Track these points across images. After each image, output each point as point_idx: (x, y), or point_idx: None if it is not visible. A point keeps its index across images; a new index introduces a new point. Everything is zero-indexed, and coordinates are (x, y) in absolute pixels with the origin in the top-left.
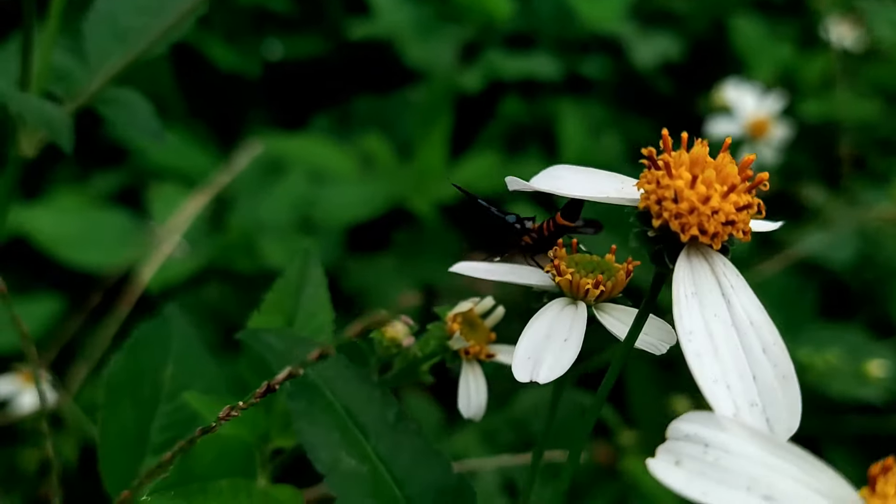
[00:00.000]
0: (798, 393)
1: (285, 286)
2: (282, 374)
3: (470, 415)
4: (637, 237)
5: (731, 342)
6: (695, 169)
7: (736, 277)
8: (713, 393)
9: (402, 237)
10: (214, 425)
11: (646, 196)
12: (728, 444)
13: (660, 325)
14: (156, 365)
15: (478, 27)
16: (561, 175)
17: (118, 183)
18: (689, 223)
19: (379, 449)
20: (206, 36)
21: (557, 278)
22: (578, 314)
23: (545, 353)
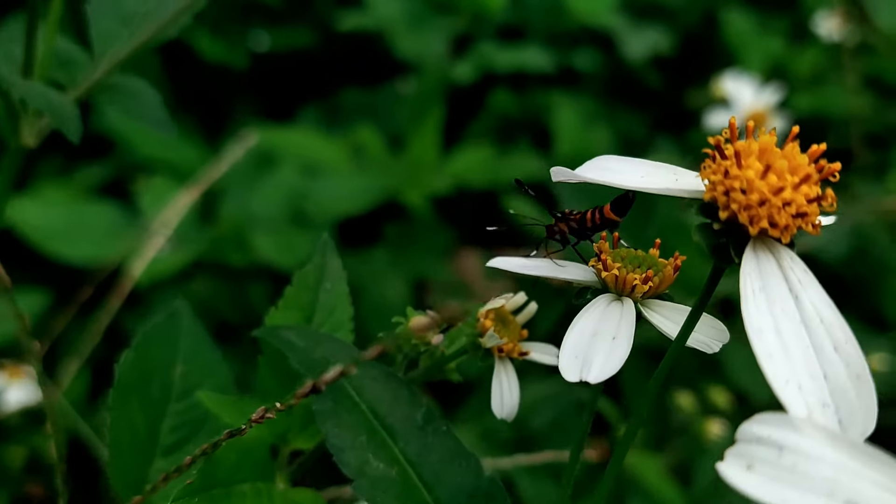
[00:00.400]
0: (873, 393)
1: (303, 280)
2: (329, 374)
3: (503, 415)
4: (700, 230)
5: (801, 340)
6: (766, 159)
7: (804, 273)
8: (786, 394)
9: (394, 231)
10: (244, 428)
11: (711, 187)
12: (804, 448)
13: (711, 322)
14: (165, 363)
15: (469, 19)
16: (610, 166)
17: (105, 175)
18: (758, 215)
19: (407, 451)
20: (192, 27)
21: (604, 273)
22: (626, 311)
23: (594, 352)
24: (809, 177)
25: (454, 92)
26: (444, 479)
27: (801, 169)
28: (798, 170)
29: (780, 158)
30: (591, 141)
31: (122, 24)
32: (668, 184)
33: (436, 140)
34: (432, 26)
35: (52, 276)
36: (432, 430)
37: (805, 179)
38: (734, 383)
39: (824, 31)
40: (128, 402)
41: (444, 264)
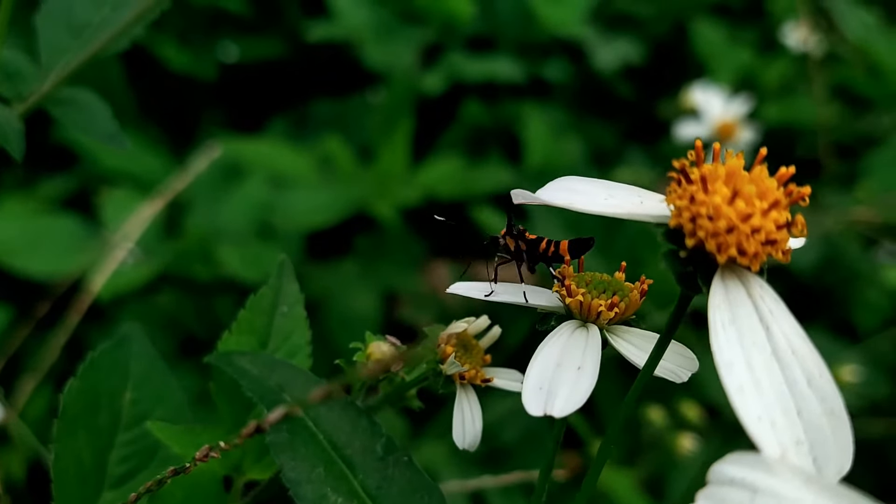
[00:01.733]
0: (849, 430)
1: (258, 304)
2: (273, 414)
3: (465, 445)
4: (666, 258)
5: (774, 375)
6: (733, 183)
7: (775, 302)
8: (758, 432)
9: (364, 242)
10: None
11: (678, 213)
12: (779, 491)
13: (680, 350)
14: (113, 390)
15: (439, 29)
16: (574, 188)
17: (67, 188)
18: (726, 243)
19: (367, 484)
20: (158, 36)
21: (568, 299)
22: (591, 339)
23: (559, 384)
24: (778, 202)
25: (424, 103)
26: None
27: (770, 194)
28: (767, 194)
29: (748, 183)
30: (561, 152)
31: (73, 36)
32: (633, 208)
33: (405, 151)
34: (401, 36)
35: (13, 290)
36: (393, 462)
37: (774, 205)
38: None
39: (792, 42)
40: (74, 433)
41: (415, 276)
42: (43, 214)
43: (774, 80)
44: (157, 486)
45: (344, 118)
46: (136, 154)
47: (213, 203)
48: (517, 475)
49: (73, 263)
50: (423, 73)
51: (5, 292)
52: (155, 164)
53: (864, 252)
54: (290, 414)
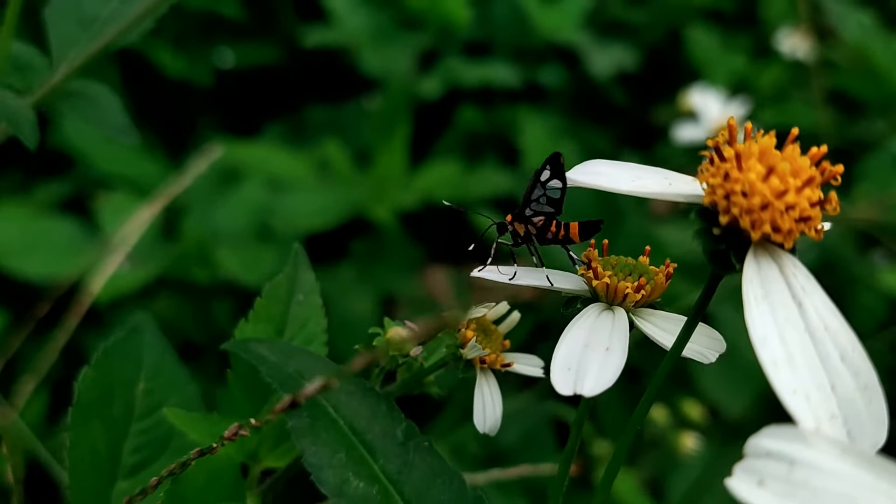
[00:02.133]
0: (883, 403)
1: (274, 292)
2: (310, 387)
3: (486, 429)
4: (699, 235)
5: (807, 350)
6: (768, 161)
7: (807, 279)
8: (794, 405)
9: (361, 246)
10: (216, 446)
11: (711, 190)
12: (816, 461)
13: (706, 332)
14: (127, 380)
15: (435, 34)
16: (599, 170)
17: (64, 192)
18: (761, 220)
19: (387, 468)
20: (154, 42)
21: (594, 282)
22: (618, 320)
23: (587, 364)
24: (813, 179)
25: (421, 107)
26: (426, 497)
27: (804, 171)
28: (800, 172)
29: (782, 161)
30: None
31: (82, 28)
32: (661, 188)
33: (402, 155)
34: (398, 42)
35: (10, 293)
36: (413, 447)
37: (808, 182)
38: (705, 397)
39: (786, 49)
40: (88, 422)
41: (412, 280)
42: (41, 217)
43: (768, 86)
44: (181, 468)
45: (340, 123)
46: (132, 159)
47: (210, 206)
48: (524, 468)
49: (70, 266)
50: (420, 78)
51: (3, 295)
52: (152, 168)
53: (860, 256)
54: (326, 386)
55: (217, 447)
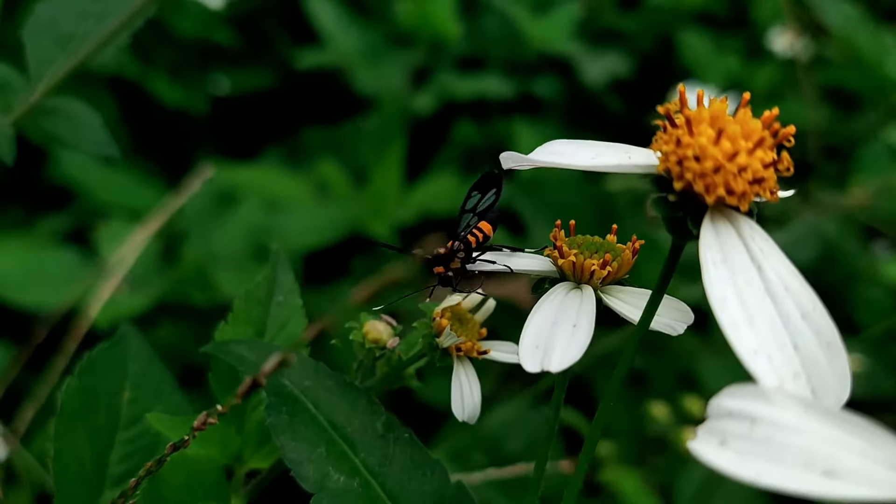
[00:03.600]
0: (846, 360)
1: (254, 294)
2: (269, 364)
3: (465, 417)
4: (655, 204)
5: (767, 311)
6: (718, 124)
7: (765, 241)
8: (754, 365)
9: (360, 264)
10: (187, 438)
11: (664, 158)
12: (778, 418)
13: (674, 304)
14: (112, 389)
15: (427, 50)
16: (560, 150)
17: (65, 225)
18: (714, 183)
19: (369, 462)
20: (149, 72)
21: (560, 261)
22: (586, 298)
23: (555, 341)
24: (763, 140)
25: (417, 124)
26: (408, 488)
27: (755, 133)
28: (752, 134)
29: (733, 124)
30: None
31: (59, 47)
32: (621, 161)
33: (398, 171)
34: (390, 59)
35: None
36: (394, 439)
37: (759, 143)
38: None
39: (779, 48)
40: (73, 432)
41: None
42: (42, 248)
43: (763, 86)
44: (157, 465)
45: (337, 145)
46: (131, 188)
47: (208, 231)
48: (521, 467)
49: (69, 294)
50: (414, 94)
51: (4, 327)
52: (150, 197)
53: (861, 248)
54: (284, 362)
55: (189, 439)
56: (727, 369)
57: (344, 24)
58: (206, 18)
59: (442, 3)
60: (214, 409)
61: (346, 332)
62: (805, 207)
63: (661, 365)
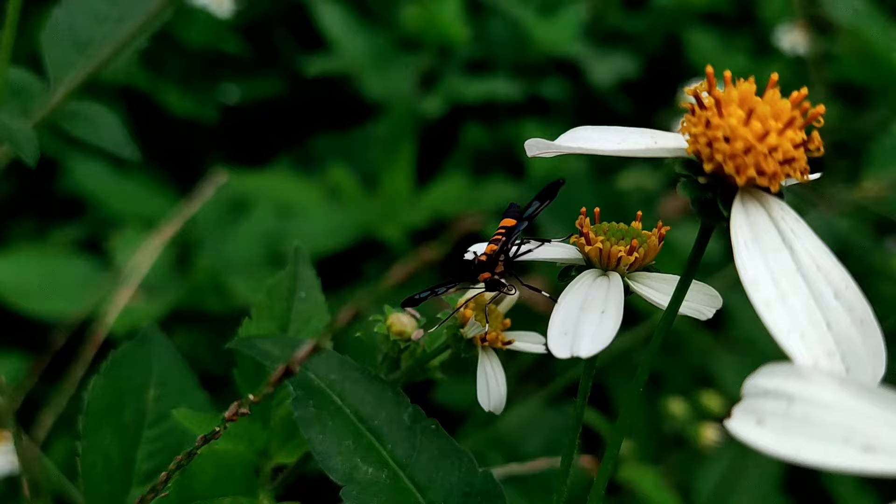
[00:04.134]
0: (880, 336)
1: (276, 290)
2: (302, 351)
3: (491, 407)
4: (685, 186)
5: (800, 290)
6: (747, 105)
7: (796, 222)
8: (789, 344)
9: (373, 269)
10: (218, 430)
11: (693, 140)
12: (815, 395)
13: (702, 288)
14: (137, 388)
15: (435, 54)
16: (587, 136)
17: (78, 236)
18: (745, 164)
19: (396, 453)
20: (160, 82)
21: (587, 248)
22: (613, 284)
23: (583, 326)
24: (794, 120)
25: (426, 127)
26: (436, 479)
27: (785, 113)
28: (781, 114)
29: (762, 104)
30: (563, 168)
31: (77, 51)
32: (648, 145)
33: (409, 175)
34: (398, 64)
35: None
36: (420, 430)
37: (789, 124)
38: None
39: (786, 45)
40: (100, 430)
41: None
42: (56, 258)
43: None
44: (188, 458)
45: (347, 150)
46: (143, 197)
47: (222, 238)
48: (542, 462)
49: (84, 303)
50: (423, 97)
51: (21, 337)
52: (163, 205)
53: (875, 244)
54: (317, 348)
55: (220, 431)
56: (743, 366)
57: (351, 30)
58: (214, 28)
59: (448, 7)
60: (247, 398)
61: (371, 325)
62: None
63: (676, 363)
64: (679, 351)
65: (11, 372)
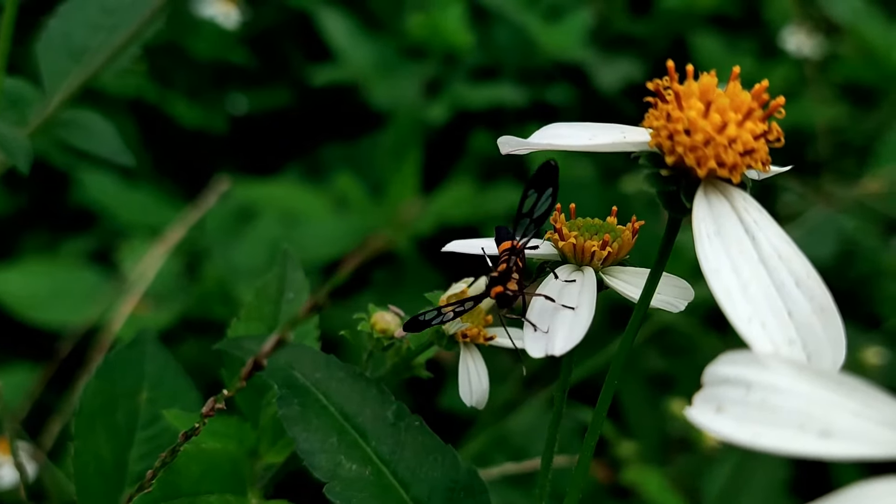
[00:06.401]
0: (840, 324)
1: (265, 291)
2: (248, 363)
3: (473, 402)
4: (649, 179)
5: (762, 279)
6: (707, 97)
7: (759, 212)
8: (748, 332)
9: (382, 276)
10: (198, 426)
11: (656, 133)
12: (772, 382)
13: (674, 281)
14: (130, 390)
15: (441, 62)
16: (559, 133)
17: (89, 247)
18: (705, 156)
19: (380, 450)
20: (168, 94)
21: (560, 243)
22: (587, 280)
23: (557, 325)
24: (753, 111)
25: (432, 135)
26: (420, 475)
27: (744, 105)
28: (741, 106)
29: (722, 97)
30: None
31: (73, 60)
32: (616, 139)
33: (414, 180)
34: (404, 72)
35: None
36: (404, 427)
37: (748, 115)
38: None
39: (792, 47)
40: (93, 430)
41: None
42: (67, 269)
43: (778, 86)
44: (172, 455)
45: (356, 159)
46: (152, 207)
47: (229, 247)
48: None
49: (93, 312)
50: (428, 105)
51: (30, 347)
52: (172, 215)
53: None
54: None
55: (199, 427)
56: None
57: (356, 39)
58: (221, 39)
59: (452, 15)
60: (221, 394)
61: (355, 324)
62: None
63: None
64: (688, 353)
65: (20, 382)
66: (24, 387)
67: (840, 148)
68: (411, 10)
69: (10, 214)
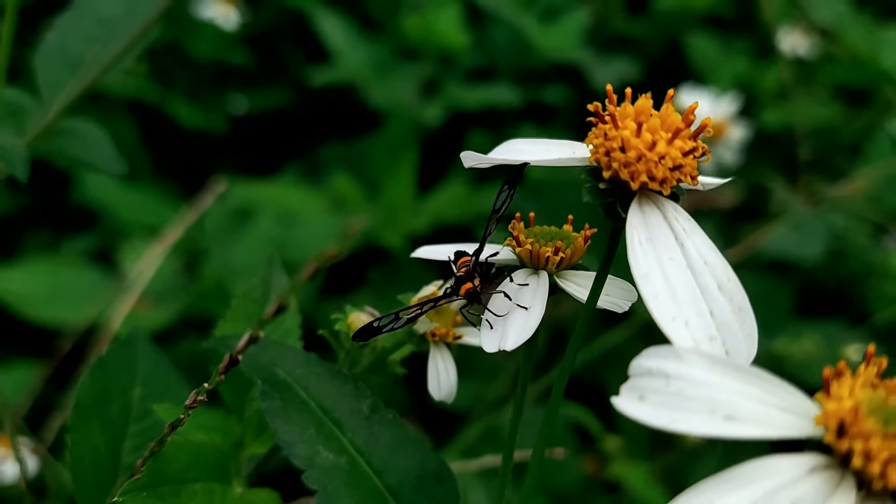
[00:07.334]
0: (754, 322)
1: (250, 293)
2: (225, 358)
3: (441, 396)
4: (589, 192)
5: (688, 283)
6: (640, 118)
7: (688, 221)
8: (670, 329)
9: (377, 274)
10: (182, 417)
11: (595, 150)
12: (688, 373)
13: (620, 284)
14: (123, 386)
15: (436, 63)
16: (518, 148)
17: (90, 246)
18: (637, 171)
19: (355, 441)
20: (168, 95)
21: (517, 249)
22: (541, 283)
23: (510, 323)
24: (680, 130)
25: (428, 135)
26: (392, 464)
27: (674, 125)
28: (671, 126)
29: (654, 118)
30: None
31: (69, 71)
32: (567, 155)
33: (410, 180)
34: (400, 73)
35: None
36: (378, 420)
37: (676, 133)
38: None
39: (787, 47)
40: (88, 423)
41: None
42: (68, 268)
43: (772, 86)
44: (159, 445)
45: (353, 159)
46: (152, 207)
47: (227, 246)
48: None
49: (92, 310)
50: (424, 105)
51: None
52: (172, 216)
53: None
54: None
55: (184, 418)
56: None
57: (353, 41)
58: (221, 40)
59: (447, 17)
60: (202, 387)
61: (333, 323)
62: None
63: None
64: None
65: (21, 379)
66: (25, 384)
67: (832, 148)
68: (407, 12)
69: (12, 214)
